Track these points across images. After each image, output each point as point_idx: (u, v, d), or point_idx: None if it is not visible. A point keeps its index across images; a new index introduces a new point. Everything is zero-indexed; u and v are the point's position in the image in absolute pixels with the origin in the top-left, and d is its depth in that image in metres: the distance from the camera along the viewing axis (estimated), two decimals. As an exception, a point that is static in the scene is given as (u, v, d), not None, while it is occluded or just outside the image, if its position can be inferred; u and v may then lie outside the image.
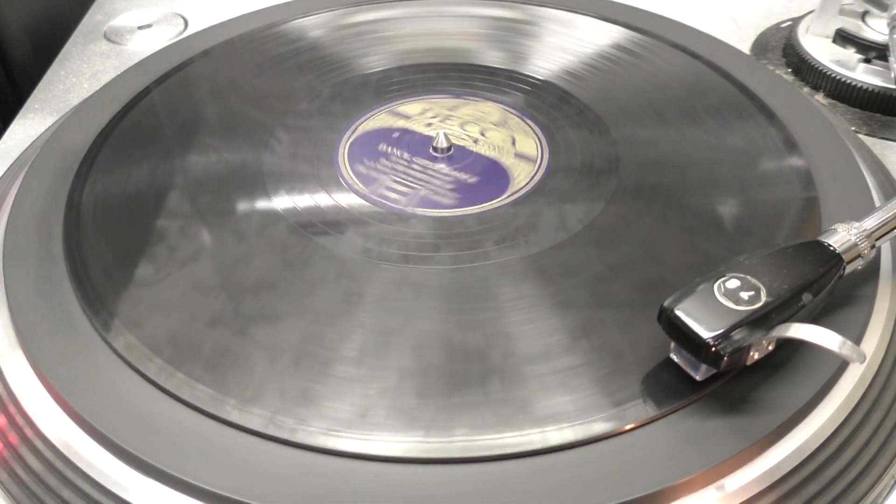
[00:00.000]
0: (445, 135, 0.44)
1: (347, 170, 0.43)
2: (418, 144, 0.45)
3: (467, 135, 0.45)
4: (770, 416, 0.31)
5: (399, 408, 0.32)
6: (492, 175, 0.43)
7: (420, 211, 0.41)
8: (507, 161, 0.43)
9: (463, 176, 0.43)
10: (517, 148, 0.44)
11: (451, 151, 0.44)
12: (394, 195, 0.42)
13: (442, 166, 0.44)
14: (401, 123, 0.46)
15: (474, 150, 0.44)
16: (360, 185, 0.42)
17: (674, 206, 0.41)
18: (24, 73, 0.64)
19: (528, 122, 0.46)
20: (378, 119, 0.47)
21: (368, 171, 0.43)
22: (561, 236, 0.39)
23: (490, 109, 0.47)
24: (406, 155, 0.44)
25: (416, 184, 0.42)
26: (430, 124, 0.46)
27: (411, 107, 0.48)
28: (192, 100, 0.49)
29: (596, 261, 0.38)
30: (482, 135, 0.45)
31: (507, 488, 0.29)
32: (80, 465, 0.32)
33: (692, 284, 0.31)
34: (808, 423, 0.32)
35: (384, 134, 0.46)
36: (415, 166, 0.44)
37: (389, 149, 0.45)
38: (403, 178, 0.43)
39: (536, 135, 0.45)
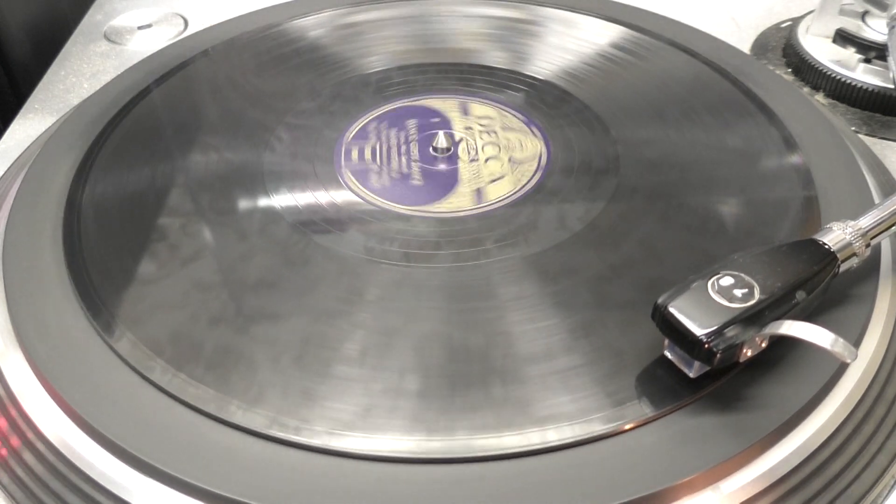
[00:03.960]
0: (445, 135, 0.44)
1: (348, 169, 0.43)
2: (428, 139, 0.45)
3: (480, 149, 0.45)
4: (770, 417, 0.31)
5: (401, 408, 0.32)
6: (439, 183, 0.43)
7: (420, 211, 0.41)
8: (480, 182, 0.43)
9: (415, 176, 0.43)
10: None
11: (450, 153, 0.44)
12: (355, 158, 0.44)
13: (418, 161, 0.44)
14: (453, 115, 0.47)
15: (459, 163, 0.44)
16: (355, 177, 0.42)
17: (674, 205, 0.41)
18: (24, 73, 0.64)
19: (534, 129, 0.46)
20: (446, 103, 0.48)
21: (373, 132, 0.45)
22: (561, 236, 0.39)
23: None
24: (414, 135, 0.45)
25: (383, 160, 0.44)
26: (469, 128, 0.46)
27: (481, 108, 0.48)
28: (193, 99, 0.49)
29: (596, 260, 0.38)
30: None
31: (507, 488, 0.29)
32: (80, 465, 0.32)
33: (686, 282, 0.31)
34: (809, 423, 0.32)
35: (426, 113, 0.47)
36: (403, 148, 0.45)
37: (412, 124, 0.46)
38: (383, 150, 0.44)
39: (539, 141, 0.45)
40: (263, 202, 0.41)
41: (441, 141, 0.44)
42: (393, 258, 0.38)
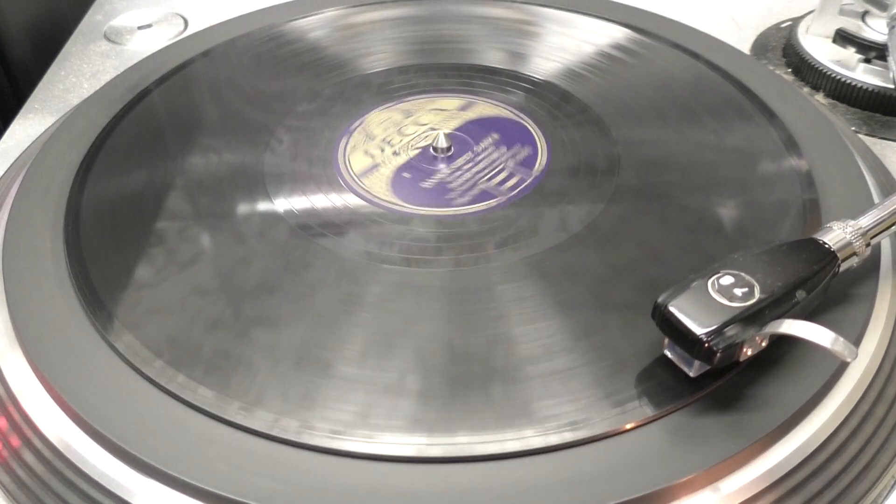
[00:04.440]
0: (445, 135, 0.44)
1: (348, 170, 0.43)
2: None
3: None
4: (770, 416, 0.31)
5: (401, 409, 0.32)
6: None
7: (421, 211, 0.41)
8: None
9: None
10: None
11: (451, 151, 0.44)
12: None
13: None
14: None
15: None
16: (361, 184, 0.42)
17: (674, 206, 0.41)
18: (24, 73, 0.64)
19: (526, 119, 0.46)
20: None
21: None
22: (562, 237, 0.39)
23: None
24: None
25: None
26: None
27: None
28: (192, 100, 0.49)
29: (597, 261, 0.38)
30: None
31: (507, 488, 0.29)
32: (80, 465, 0.32)
33: (686, 281, 0.31)
34: (808, 422, 0.32)
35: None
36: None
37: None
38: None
39: (537, 135, 0.45)
40: (263, 204, 0.41)
41: (441, 141, 0.44)
42: (393, 260, 0.38)
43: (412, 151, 0.44)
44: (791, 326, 0.29)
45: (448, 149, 0.44)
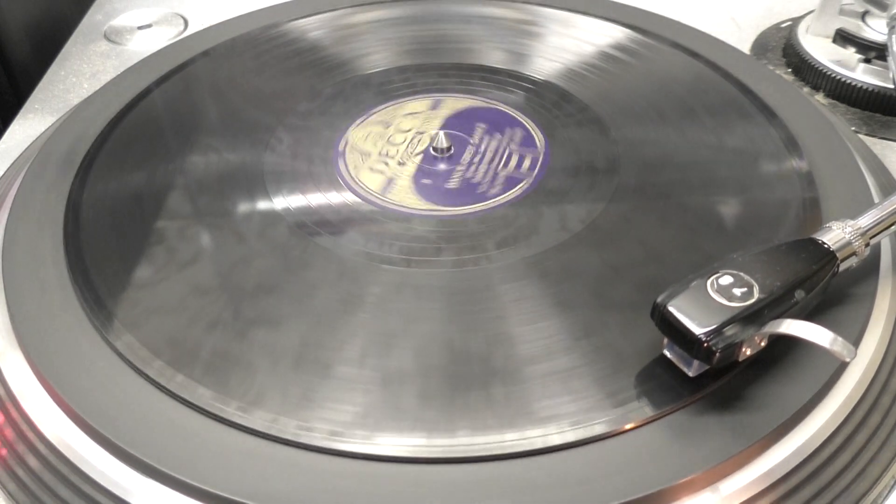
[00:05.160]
0: (445, 135, 0.44)
1: (348, 170, 0.43)
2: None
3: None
4: (770, 417, 0.31)
5: (401, 409, 0.32)
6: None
7: (420, 211, 0.41)
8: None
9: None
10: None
11: (452, 151, 0.44)
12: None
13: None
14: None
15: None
16: (362, 185, 0.42)
17: (674, 205, 0.41)
18: (24, 73, 0.64)
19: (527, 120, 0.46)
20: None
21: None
22: (562, 237, 0.39)
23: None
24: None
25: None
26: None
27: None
28: (193, 100, 0.49)
29: (597, 261, 0.38)
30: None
31: (508, 488, 0.29)
32: (79, 465, 0.32)
33: (685, 281, 0.31)
34: (808, 423, 0.32)
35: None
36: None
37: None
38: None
39: (534, 133, 0.45)
40: (263, 203, 0.41)
41: (441, 141, 0.44)
42: (393, 259, 0.38)
43: (416, 158, 0.44)
44: (790, 326, 0.29)
45: (448, 148, 0.44)
